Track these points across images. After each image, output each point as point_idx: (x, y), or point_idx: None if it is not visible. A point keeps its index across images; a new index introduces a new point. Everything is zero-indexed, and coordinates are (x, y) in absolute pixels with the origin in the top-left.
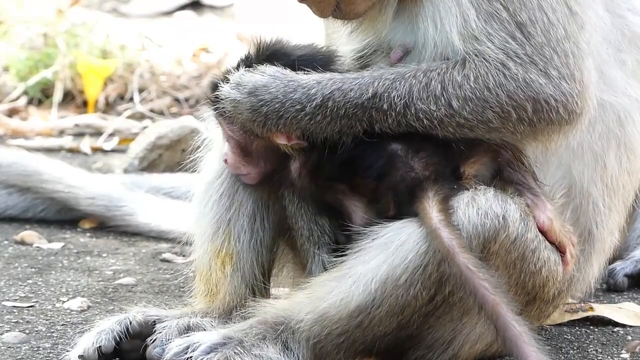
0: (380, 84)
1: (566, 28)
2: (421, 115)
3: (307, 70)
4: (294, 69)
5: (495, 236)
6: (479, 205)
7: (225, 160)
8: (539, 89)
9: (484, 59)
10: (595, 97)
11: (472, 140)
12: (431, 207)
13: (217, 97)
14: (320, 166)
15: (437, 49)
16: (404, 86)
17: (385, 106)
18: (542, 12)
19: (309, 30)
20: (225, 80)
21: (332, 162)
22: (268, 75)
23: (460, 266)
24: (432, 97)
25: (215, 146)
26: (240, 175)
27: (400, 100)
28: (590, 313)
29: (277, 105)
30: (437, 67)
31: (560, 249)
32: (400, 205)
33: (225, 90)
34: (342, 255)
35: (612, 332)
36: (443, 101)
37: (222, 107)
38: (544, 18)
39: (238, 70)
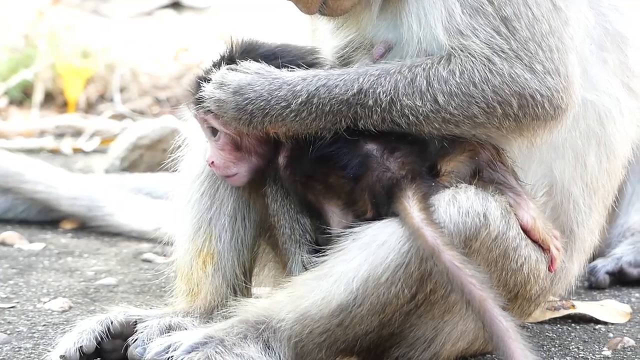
0: (366, 80)
1: (550, 23)
2: (407, 111)
3: (291, 67)
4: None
5: (477, 234)
6: (460, 204)
7: (212, 163)
8: (524, 84)
9: (469, 54)
10: (579, 92)
11: (449, 139)
12: (412, 206)
13: (200, 97)
14: (301, 160)
15: (421, 45)
16: (389, 82)
17: (370, 102)
18: (526, 7)
19: (292, 29)
20: (208, 79)
21: (309, 157)
22: (252, 72)
23: (446, 264)
24: (417, 92)
25: (195, 146)
26: (228, 178)
27: (385, 96)
28: (572, 311)
29: (262, 103)
30: (422, 62)
31: (543, 247)
32: (377, 206)
33: (208, 89)
34: (323, 255)
35: (594, 329)
36: (429, 96)
37: (207, 106)
38: (529, 13)
39: (219, 68)
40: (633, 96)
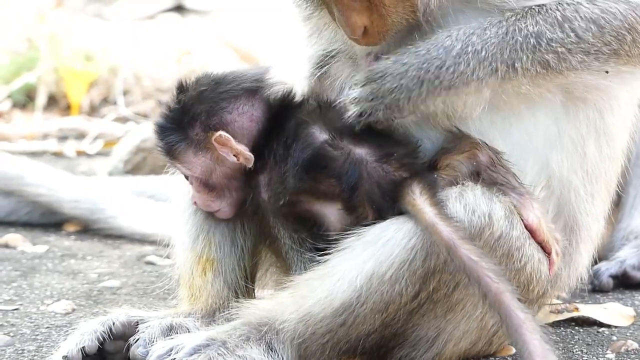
0: (510, 22)
1: None
2: (554, 45)
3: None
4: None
5: (480, 233)
6: (467, 202)
7: (195, 203)
8: None
9: None
10: None
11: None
12: (422, 202)
13: (167, 145)
14: (283, 180)
15: None
16: (530, 22)
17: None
18: None
19: (287, 34)
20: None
21: (293, 170)
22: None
23: (463, 258)
24: (557, 25)
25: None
26: (214, 213)
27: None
28: (575, 313)
29: (414, 72)
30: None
31: (545, 249)
32: (380, 211)
33: (358, 92)
34: (326, 254)
35: (597, 332)
36: (567, 27)
37: (170, 150)
38: None
39: (172, 109)
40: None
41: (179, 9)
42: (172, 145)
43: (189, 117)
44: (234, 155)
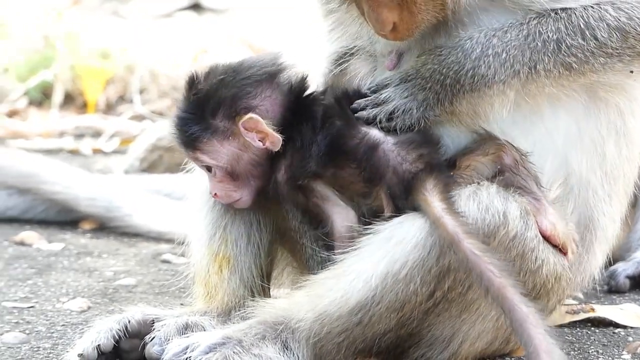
0: (532, 25)
1: None
2: (574, 50)
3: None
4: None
5: (495, 232)
6: (480, 199)
7: (215, 195)
8: None
9: None
10: None
11: (471, 139)
12: (432, 196)
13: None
14: (305, 165)
15: None
16: (550, 25)
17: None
18: None
19: (304, 31)
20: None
21: (317, 156)
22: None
23: (466, 252)
24: (578, 31)
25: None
26: (234, 203)
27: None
28: (591, 314)
29: (437, 76)
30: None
31: (562, 251)
32: (394, 198)
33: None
34: (342, 253)
35: (613, 333)
36: (588, 34)
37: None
38: None
39: (188, 98)
40: None
41: (196, 7)
42: (195, 137)
43: (213, 105)
44: (259, 140)
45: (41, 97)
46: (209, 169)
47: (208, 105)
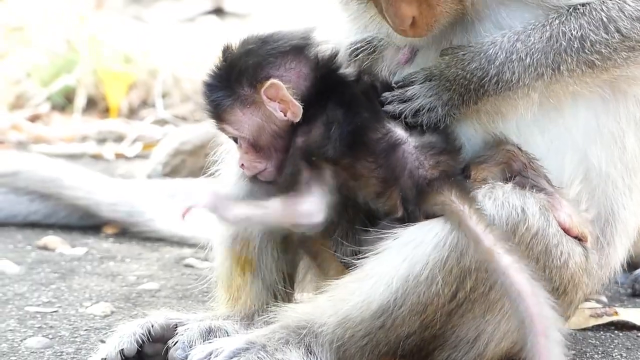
0: (554, 25)
1: None
2: (597, 47)
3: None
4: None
5: (515, 229)
6: (496, 197)
7: (242, 165)
8: None
9: None
10: None
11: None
12: (452, 196)
13: (214, 104)
14: (322, 146)
15: None
16: (573, 23)
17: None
18: None
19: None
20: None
21: (335, 141)
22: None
23: (487, 251)
24: (601, 26)
25: (230, 154)
26: (259, 175)
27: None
28: (615, 317)
29: (461, 80)
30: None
31: (582, 240)
32: (405, 201)
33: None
34: (363, 257)
35: (637, 336)
36: (612, 28)
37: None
38: None
39: (223, 69)
40: None
41: (218, 11)
42: (218, 104)
43: (236, 73)
44: (281, 111)
45: (64, 102)
46: (235, 139)
47: (233, 73)
